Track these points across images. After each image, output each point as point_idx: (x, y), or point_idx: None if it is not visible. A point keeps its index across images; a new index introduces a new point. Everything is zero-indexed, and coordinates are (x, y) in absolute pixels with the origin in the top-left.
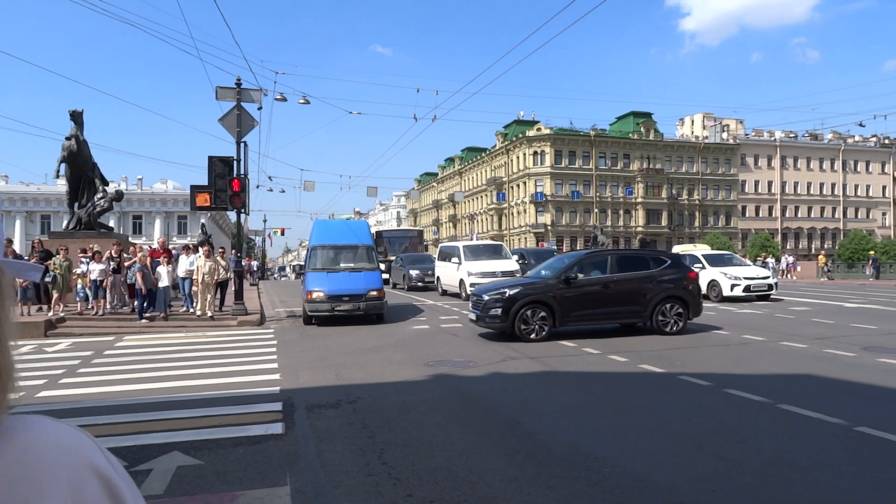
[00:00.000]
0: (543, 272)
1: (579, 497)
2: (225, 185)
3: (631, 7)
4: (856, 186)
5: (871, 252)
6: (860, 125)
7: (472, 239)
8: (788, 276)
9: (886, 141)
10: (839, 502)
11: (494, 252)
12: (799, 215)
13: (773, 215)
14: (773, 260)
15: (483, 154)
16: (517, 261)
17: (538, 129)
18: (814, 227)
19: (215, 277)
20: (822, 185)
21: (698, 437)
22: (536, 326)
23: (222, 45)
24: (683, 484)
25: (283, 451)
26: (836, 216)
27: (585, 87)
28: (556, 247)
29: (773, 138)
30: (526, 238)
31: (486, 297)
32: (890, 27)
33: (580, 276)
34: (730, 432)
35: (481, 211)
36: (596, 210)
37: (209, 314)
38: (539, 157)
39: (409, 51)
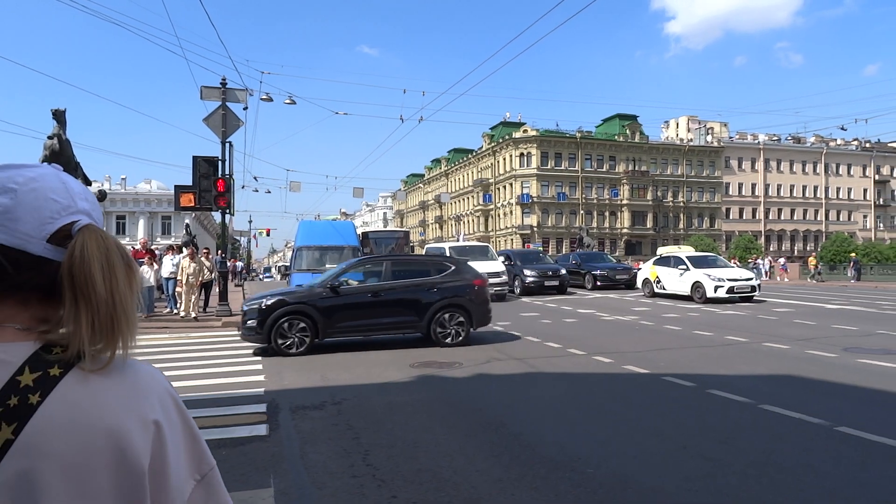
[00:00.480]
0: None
1: (563, 497)
2: (210, 185)
3: (617, 10)
4: (838, 189)
5: (853, 254)
6: (842, 129)
7: (458, 240)
8: (778, 277)
9: (868, 144)
10: (821, 502)
11: (480, 253)
12: (782, 217)
13: (757, 217)
14: (762, 261)
15: (469, 155)
16: (503, 262)
17: (524, 131)
18: (797, 229)
19: (200, 278)
20: (804, 187)
21: (682, 438)
22: (296, 339)
23: (207, 45)
24: (667, 484)
25: (267, 453)
26: (819, 218)
27: (571, 88)
28: (542, 248)
29: (756, 141)
30: (512, 239)
31: (245, 308)
32: (870, 32)
33: (352, 283)
34: (713, 433)
35: (468, 212)
36: (582, 212)
37: (193, 315)
38: (525, 158)
39: (395, 51)
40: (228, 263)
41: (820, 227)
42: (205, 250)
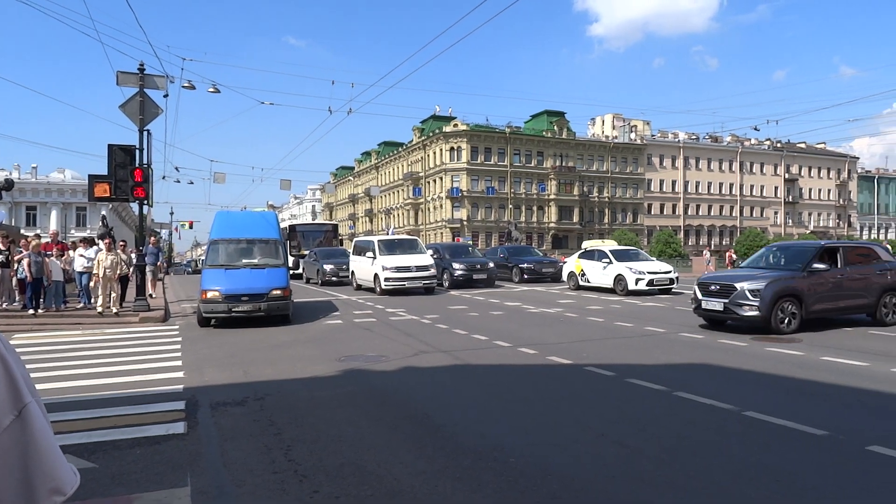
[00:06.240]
0: None
1: (485, 487)
2: (126, 174)
3: (543, 11)
4: (751, 186)
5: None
6: (755, 129)
7: (387, 234)
8: None
9: (779, 144)
10: (728, 483)
11: (409, 247)
12: (700, 213)
13: (677, 213)
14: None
15: (400, 149)
16: (432, 255)
17: (455, 125)
18: (713, 224)
19: (118, 272)
20: (721, 184)
21: (601, 426)
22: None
23: (125, 28)
24: (586, 471)
25: (185, 451)
26: (734, 214)
27: (501, 84)
28: (471, 242)
29: (676, 139)
30: (442, 233)
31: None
32: (780, 39)
33: None
34: (631, 420)
35: (398, 206)
36: (510, 206)
37: (114, 311)
38: (455, 152)
39: (323, 43)
40: (133, 256)
41: (735, 223)
42: (122, 243)
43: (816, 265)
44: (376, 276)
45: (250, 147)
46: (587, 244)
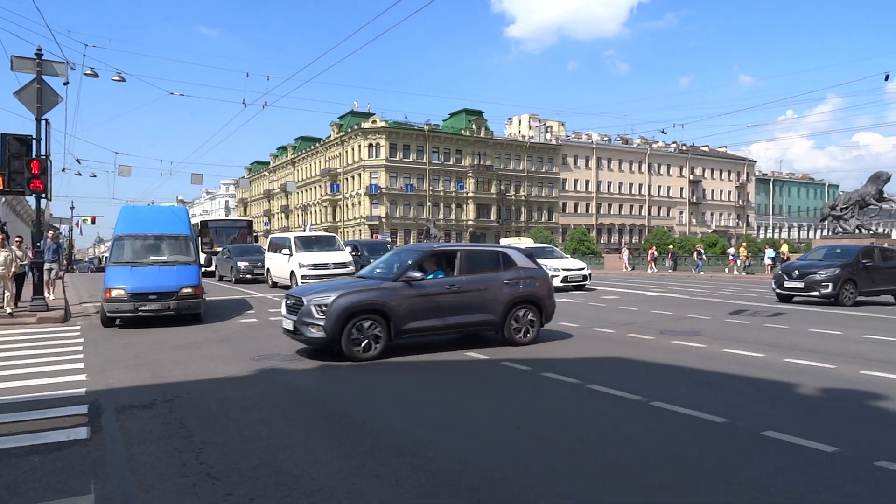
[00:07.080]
0: None
1: (403, 482)
2: (22, 166)
3: (460, 11)
4: (659, 187)
5: (671, 246)
6: (663, 132)
7: (304, 230)
8: (726, 269)
9: (684, 147)
10: (637, 470)
11: (327, 244)
12: (612, 212)
13: (590, 212)
14: (698, 253)
15: (317, 144)
16: (350, 252)
17: (373, 122)
18: (624, 223)
19: (12, 269)
20: (631, 185)
21: (517, 419)
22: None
23: (19, 10)
24: (502, 463)
25: (88, 458)
26: (643, 213)
27: (420, 82)
28: (390, 239)
29: (590, 140)
30: (360, 230)
31: None
32: (684, 47)
33: None
34: (545, 412)
35: (315, 202)
36: (429, 203)
37: (8, 311)
38: (374, 149)
39: (237, 33)
40: (30, 252)
41: (644, 222)
42: (17, 238)
43: (413, 273)
44: (292, 273)
45: (159, 140)
46: (504, 242)
